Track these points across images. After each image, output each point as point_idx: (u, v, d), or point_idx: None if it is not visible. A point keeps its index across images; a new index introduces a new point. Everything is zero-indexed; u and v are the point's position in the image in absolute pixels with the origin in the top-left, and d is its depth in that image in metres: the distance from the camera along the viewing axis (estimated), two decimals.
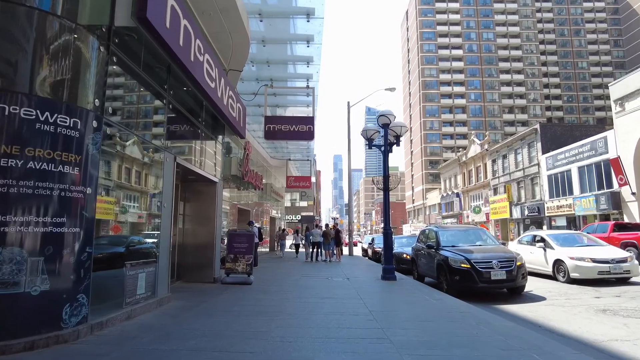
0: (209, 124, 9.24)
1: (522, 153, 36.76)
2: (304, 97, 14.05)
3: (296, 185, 24.17)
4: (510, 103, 77.63)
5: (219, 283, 9.39)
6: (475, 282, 8.27)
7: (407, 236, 20.17)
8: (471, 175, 49.20)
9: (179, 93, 7.41)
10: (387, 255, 10.58)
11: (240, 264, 9.55)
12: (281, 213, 35.99)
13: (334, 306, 6.73)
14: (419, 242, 11.66)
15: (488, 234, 10.38)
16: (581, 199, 27.94)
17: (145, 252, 6.34)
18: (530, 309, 7.32)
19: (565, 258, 10.46)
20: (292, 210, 49.39)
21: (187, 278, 9.41)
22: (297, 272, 12.89)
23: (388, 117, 10.98)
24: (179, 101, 7.34)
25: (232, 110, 9.26)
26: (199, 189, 9.70)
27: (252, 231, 9.91)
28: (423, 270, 10.91)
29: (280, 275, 11.95)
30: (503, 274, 8.25)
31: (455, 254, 8.84)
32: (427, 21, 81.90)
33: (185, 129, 8.01)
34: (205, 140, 9.15)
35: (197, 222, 9.64)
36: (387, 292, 8.60)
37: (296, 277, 11.23)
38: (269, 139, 12.29)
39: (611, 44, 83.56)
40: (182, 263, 9.42)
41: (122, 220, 5.83)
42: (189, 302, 6.86)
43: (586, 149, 27.73)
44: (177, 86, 7.12)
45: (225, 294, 7.92)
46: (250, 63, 11.60)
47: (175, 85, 7.03)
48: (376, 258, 20.55)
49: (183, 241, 9.50)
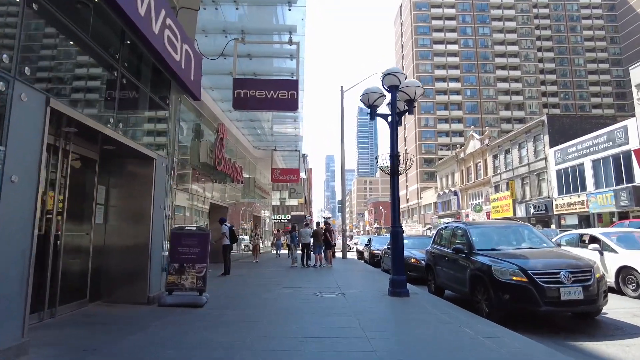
0: (141, 71, 6.31)
1: (527, 147, 34.26)
2: (286, 60, 11.15)
3: (283, 179, 21.23)
4: (506, 99, 75.53)
5: (154, 305, 6.46)
6: (535, 303, 5.45)
7: (414, 236, 17.36)
8: (470, 173, 46.71)
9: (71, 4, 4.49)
10: (396, 262, 7.73)
11: (188, 276, 6.62)
12: (269, 212, 33.06)
13: (324, 357, 3.86)
14: (437, 245, 8.84)
15: (536, 232, 7.57)
16: (596, 195, 25.44)
17: None
18: (627, 349, 4.52)
19: (638, 265, 7.72)
20: (281, 209, 46.45)
21: (110, 297, 6.45)
22: (276, 283, 9.99)
23: (397, 77, 8.14)
24: (73, 19, 4.41)
25: (174, 52, 6.34)
26: (128, 168, 6.75)
27: (206, 230, 6.99)
28: (444, 282, 8.08)
29: (253, 288, 9.03)
30: (578, 292, 5.44)
31: (502, 262, 6.02)
32: (422, 15, 79.55)
33: (77, 64, 5.06)
34: (132, 94, 6.20)
35: (126, 215, 6.69)
36: (403, 320, 5.72)
37: (274, 292, 8.32)
38: (239, 108, 9.40)
39: (608, 41, 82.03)
40: (103, 275, 6.48)
41: None
42: (67, 354, 3.92)
43: (602, 140, 25.23)
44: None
45: (150, 329, 4.98)
46: (214, 3, 8.68)
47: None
48: (374, 262, 17.72)
49: (104, 243, 6.54)
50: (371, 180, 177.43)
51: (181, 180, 12.35)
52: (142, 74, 6.33)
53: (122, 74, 5.61)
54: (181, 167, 12.42)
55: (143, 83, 6.35)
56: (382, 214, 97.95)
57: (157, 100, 6.94)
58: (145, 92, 6.50)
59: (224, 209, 17.24)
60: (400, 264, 7.73)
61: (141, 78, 6.29)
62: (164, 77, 7.05)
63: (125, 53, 5.73)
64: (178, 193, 11.92)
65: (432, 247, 9.03)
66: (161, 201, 6.96)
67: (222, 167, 15.08)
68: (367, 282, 10.32)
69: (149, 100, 6.78)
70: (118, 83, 5.54)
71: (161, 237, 6.94)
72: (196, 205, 14.06)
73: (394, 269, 7.75)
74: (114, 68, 5.45)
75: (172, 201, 11.11)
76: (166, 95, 7.33)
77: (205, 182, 14.84)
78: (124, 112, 5.90)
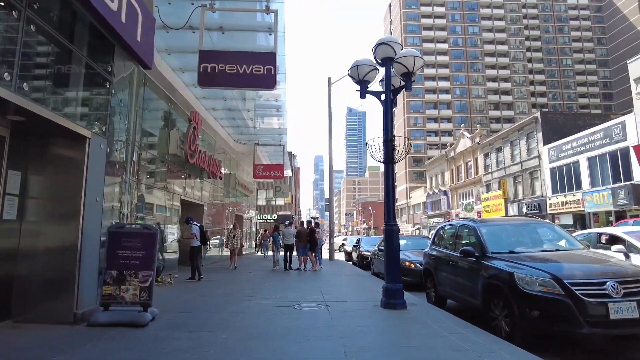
0: (63, 21, 4.86)
1: (519, 145, 33.42)
2: (265, 36, 9.74)
3: (266, 176, 19.77)
4: (496, 99, 75.18)
5: (83, 324, 5.02)
6: (575, 324, 4.18)
7: (409, 236, 16.16)
8: (460, 172, 45.84)
9: None
10: (391, 267, 6.40)
11: (130, 287, 5.19)
12: (254, 212, 31.58)
13: None
14: (437, 246, 7.56)
15: (558, 230, 6.32)
16: (592, 194, 24.60)
17: None
18: None
19: None
20: (267, 209, 44.89)
21: (25, 315, 4.98)
22: (251, 291, 8.59)
23: (392, 47, 6.83)
24: None
25: None
26: (53, 150, 5.29)
27: (153, 229, 5.57)
28: (448, 291, 6.80)
29: (221, 299, 7.61)
30: (632, 308, 4.19)
31: (526, 268, 4.74)
32: (412, 13, 78.78)
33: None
34: (50, 51, 4.75)
35: (49, 210, 5.23)
36: (403, 347, 4.37)
37: (243, 303, 6.91)
38: (205, 85, 7.94)
39: (595, 42, 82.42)
40: (17, 287, 5.01)
41: None
42: None
43: (598, 137, 24.39)
44: None
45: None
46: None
47: None
48: (363, 264, 16.44)
49: (19, 246, 5.08)
50: (360, 181, 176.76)
51: (146, 174, 10.86)
52: (63, 25, 4.87)
53: (28, 17, 4.16)
54: (147, 159, 10.93)
55: (66, 37, 4.89)
56: (370, 214, 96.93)
57: (92, 63, 5.47)
58: (71, 52, 5.04)
59: (199, 207, 15.75)
60: (395, 268, 6.41)
61: (63, 30, 4.83)
62: (105, 41, 5.61)
63: (49, 5, 4.29)
64: (141, 188, 10.44)
65: (432, 248, 7.75)
66: (97, 192, 5.50)
67: (196, 160, 13.61)
68: (356, 290, 8.99)
69: (84, 64, 5.32)
70: (21, 29, 4.09)
71: (96, 238, 5.48)
72: (165, 203, 12.58)
73: (387, 275, 6.43)
74: (14, 7, 4.01)
75: (132, 199, 9.64)
76: (108, 62, 5.88)
77: (177, 177, 13.35)
78: (42, 78, 4.45)
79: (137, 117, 10.06)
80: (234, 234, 14.17)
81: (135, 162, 9.99)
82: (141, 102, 10.39)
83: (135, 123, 9.38)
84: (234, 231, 14.29)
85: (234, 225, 14.85)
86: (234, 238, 14.12)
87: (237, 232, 14.32)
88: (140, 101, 10.35)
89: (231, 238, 14.20)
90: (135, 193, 9.83)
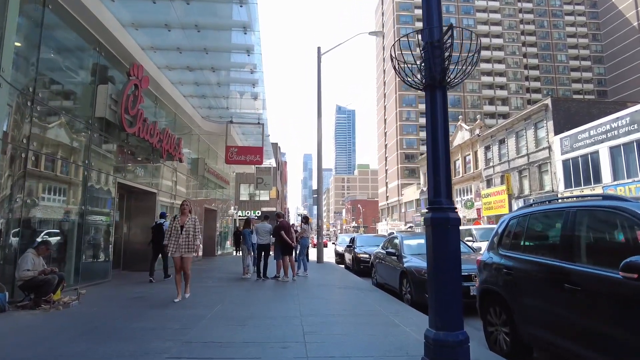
0: None
1: (526, 136, 30.50)
2: None
3: (241, 160, 16.24)
4: (491, 94, 72.79)
5: None
6: None
7: (419, 234, 12.64)
8: (457, 166, 42.93)
9: None
10: (443, 295, 3.04)
11: None
12: (233, 207, 28.03)
13: None
14: (509, 250, 4.25)
15: None
16: (616, 188, 21.72)
17: None
18: None
19: None
20: (250, 205, 41.33)
21: None
22: (188, 321, 5.15)
23: None
24: None
25: None
26: None
27: None
28: (546, 334, 3.49)
29: (120, 342, 4.17)
30: None
31: None
32: (405, 4, 75.87)
33: None
34: None
35: None
36: None
37: (155, 357, 3.49)
38: None
39: (590, 38, 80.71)
40: None
41: None
42: None
43: (623, 123, 21.50)
44: None
45: None
46: None
47: None
48: (360, 269, 13.13)
49: None
50: (349, 179, 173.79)
51: (55, 143, 7.34)
52: None
53: None
54: (56, 121, 7.40)
55: None
56: (360, 212, 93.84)
57: None
58: None
59: (151, 196, 12.22)
60: (451, 299, 3.06)
61: None
62: None
63: None
64: (45, 162, 6.91)
65: (499, 254, 4.43)
66: None
67: (138, 130, 10.08)
68: (361, 321, 5.60)
69: None
70: None
71: None
72: (88, 186, 9.08)
73: (438, 313, 3.07)
74: None
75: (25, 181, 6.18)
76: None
77: (109, 152, 9.83)
78: None
79: (29, 51, 6.54)
80: (181, 225, 7.05)
81: (19, 119, 6.48)
82: (36, 30, 6.88)
83: (24, 60, 5.86)
84: (181, 219, 7.12)
85: (182, 208, 7.21)
86: (182, 233, 6.98)
87: (188, 221, 7.06)
88: (31, 27, 6.83)
89: (174, 233, 7.00)
90: (16, 168, 6.31)
